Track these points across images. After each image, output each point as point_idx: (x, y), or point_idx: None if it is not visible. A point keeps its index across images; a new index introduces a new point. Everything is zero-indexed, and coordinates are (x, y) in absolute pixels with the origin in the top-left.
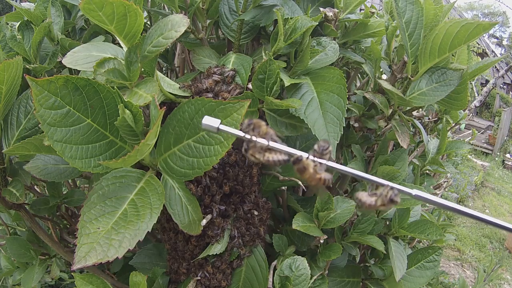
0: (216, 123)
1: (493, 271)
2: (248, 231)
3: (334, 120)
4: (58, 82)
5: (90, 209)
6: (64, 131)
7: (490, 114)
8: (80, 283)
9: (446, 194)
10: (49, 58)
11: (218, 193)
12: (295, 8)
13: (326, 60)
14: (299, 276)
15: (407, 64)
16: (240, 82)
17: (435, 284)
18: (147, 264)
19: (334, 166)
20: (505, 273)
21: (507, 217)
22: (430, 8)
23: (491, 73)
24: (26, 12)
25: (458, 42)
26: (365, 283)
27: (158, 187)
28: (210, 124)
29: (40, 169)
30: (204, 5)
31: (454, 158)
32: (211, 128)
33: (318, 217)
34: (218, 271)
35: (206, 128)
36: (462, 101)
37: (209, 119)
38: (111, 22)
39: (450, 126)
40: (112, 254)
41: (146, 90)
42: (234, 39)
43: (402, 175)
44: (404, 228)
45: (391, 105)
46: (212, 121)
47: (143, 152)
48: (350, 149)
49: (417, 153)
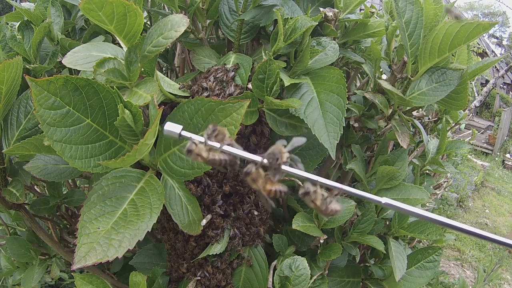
0: (177, 129)
1: (493, 271)
2: (248, 231)
3: (334, 120)
4: (57, 82)
5: (90, 209)
6: (64, 131)
7: (490, 114)
8: (80, 283)
9: (446, 194)
10: (49, 58)
11: (218, 193)
12: (295, 8)
13: (326, 60)
14: (299, 276)
15: (407, 64)
16: (240, 82)
17: (435, 284)
18: (147, 264)
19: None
20: (505, 273)
21: (507, 217)
22: (430, 8)
23: (491, 73)
24: (26, 12)
25: (458, 42)
26: (365, 283)
27: (158, 187)
28: (172, 130)
29: (40, 169)
30: (204, 5)
31: (454, 158)
32: (173, 134)
33: (318, 217)
34: (218, 271)
35: (168, 134)
36: (462, 101)
37: (171, 125)
38: (111, 22)
39: (450, 126)
40: (112, 254)
41: (146, 90)
42: (234, 39)
43: (402, 175)
44: (404, 228)
45: (391, 105)
46: (174, 127)
47: (142, 151)
48: (350, 149)
49: (417, 153)
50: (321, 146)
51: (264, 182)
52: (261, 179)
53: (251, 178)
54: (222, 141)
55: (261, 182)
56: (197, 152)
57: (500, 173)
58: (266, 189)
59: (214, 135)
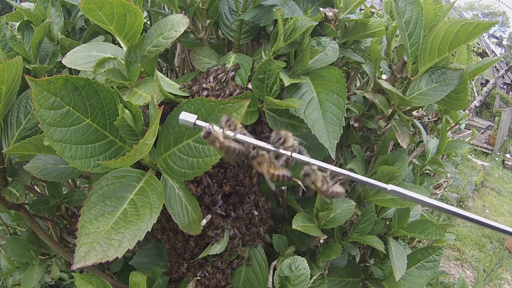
0: (192, 119)
1: (493, 271)
2: (248, 231)
3: (333, 120)
4: (57, 82)
5: (90, 209)
6: (64, 131)
7: (490, 114)
8: (80, 283)
9: (446, 194)
10: (49, 58)
11: (218, 193)
12: (295, 8)
13: (326, 60)
14: (299, 276)
15: (407, 64)
16: (240, 82)
17: (435, 284)
18: (147, 264)
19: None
20: (505, 273)
21: (507, 217)
22: (430, 8)
23: (491, 73)
24: (26, 12)
25: (457, 42)
26: (365, 283)
27: (158, 187)
28: (186, 120)
29: (40, 169)
30: (204, 5)
31: (454, 158)
32: (188, 124)
33: (318, 217)
34: (218, 271)
35: (183, 123)
36: (462, 101)
37: (186, 114)
38: (110, 22)
39: (450, 126)
40: (111, 254)
41: (146, 90)
42: (234, 39)
43: (402, 175)
44: (404, 228)
45: (391, 105)
46: (189, 117)
47: (142, 151)
48: (350, 149)
49: (417, 153)
50: (321, 146)
51: (268, 166)
52: (266, 163)
53: (256, 161)
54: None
55: (265, 166)
56: (215, 135)
57: (500, 173)
58: (269, 172)
59: (228, 124)
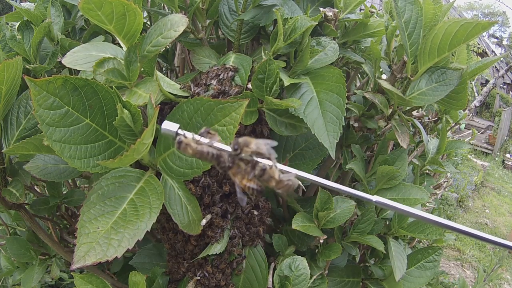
0: (174, 128)
1: (493, 271)
2: (248, 231)
3: (333, 119)
4: (56, 82)
5: (89, 209)
6: (63, 131)
7: (490, 114)
8: (80, 282)
9: (446, 194)
10: (49, 58)
11: (218, 192)
12: (294, 8)
13: (325, 60)
14: (298, 276)
15: (407, 64)
16: (239, 82)
17: (435, 284)
18: (147, 264)
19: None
20: (505, 273)
21: (507, 217)
22: (430, 8)
23: (491, 73)
24: (26, 12)
25: (457, 42)
26: (365, 283)
27: (158, 187)
28: (168, 129)
29: (40, 169)
30: (204, 5)
31: (454, 158)
32: (170, 133)
33: (318, 217)
34: (218, 271)
35: (165, 132)
36: (462, 101)
37: (168, 124)
38: (110, 21)
39: (450, 126)
40: (111, 254)
41: (146, 90)
42: (234, 39)
43: (401, 175)
44: (404, 228)
45: (391, 105)
46: (171, 126)
47: (140, 151)
48: (350, 149)
49: (417, 153)
50: (321, 146)
51: (242, 177)
52: (240, 174)
53: (231, 172)
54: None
55: (239, 177)
56: (186, 142)
57: (500, 173)
58: (242, 183)
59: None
